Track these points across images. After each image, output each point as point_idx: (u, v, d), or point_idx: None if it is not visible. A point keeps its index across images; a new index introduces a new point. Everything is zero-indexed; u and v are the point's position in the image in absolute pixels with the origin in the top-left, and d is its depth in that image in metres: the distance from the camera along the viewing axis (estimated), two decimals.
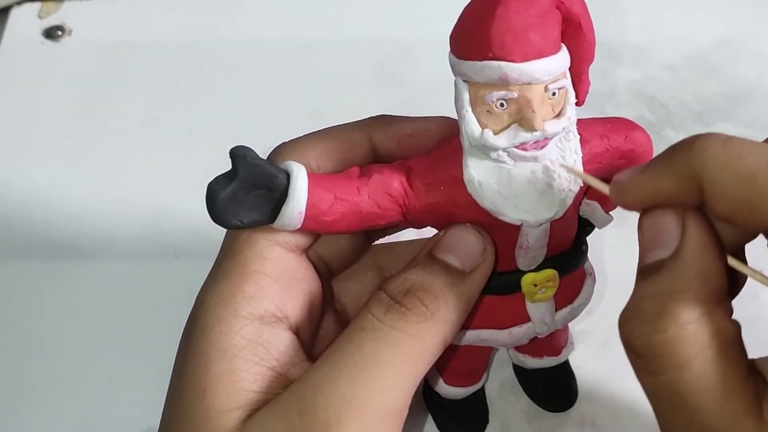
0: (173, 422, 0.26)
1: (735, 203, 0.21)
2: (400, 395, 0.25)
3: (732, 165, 0.21)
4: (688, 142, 0.22)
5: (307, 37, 0.58)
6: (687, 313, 0.21)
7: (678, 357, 0.21)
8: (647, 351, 0.21)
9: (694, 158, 0.21)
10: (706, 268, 0.22)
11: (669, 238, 0.22)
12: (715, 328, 0.21)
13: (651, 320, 0.21)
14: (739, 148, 0.21)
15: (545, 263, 0.29)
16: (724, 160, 0.21)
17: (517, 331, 0.31)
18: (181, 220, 0.47)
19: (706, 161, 0.21)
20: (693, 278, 0.21)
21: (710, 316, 0.21)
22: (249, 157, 0.26)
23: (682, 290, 0.21)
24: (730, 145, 0.21)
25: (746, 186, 0.20)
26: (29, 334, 0.43)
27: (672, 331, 0.21)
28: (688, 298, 0.21)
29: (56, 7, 0.60)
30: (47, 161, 0.51)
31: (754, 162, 0.20)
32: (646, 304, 0.22)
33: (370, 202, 0.27)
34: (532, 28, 0.25)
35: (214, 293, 0.27)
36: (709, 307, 0.21)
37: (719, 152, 0.21)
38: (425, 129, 0.30)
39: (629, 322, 0.22)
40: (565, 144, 0.27)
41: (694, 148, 0.22)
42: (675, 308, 0.21)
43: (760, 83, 0.54)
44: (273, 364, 0.26)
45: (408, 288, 0.27)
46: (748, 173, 0.20)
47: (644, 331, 0.21)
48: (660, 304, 0.21)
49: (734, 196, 0.21)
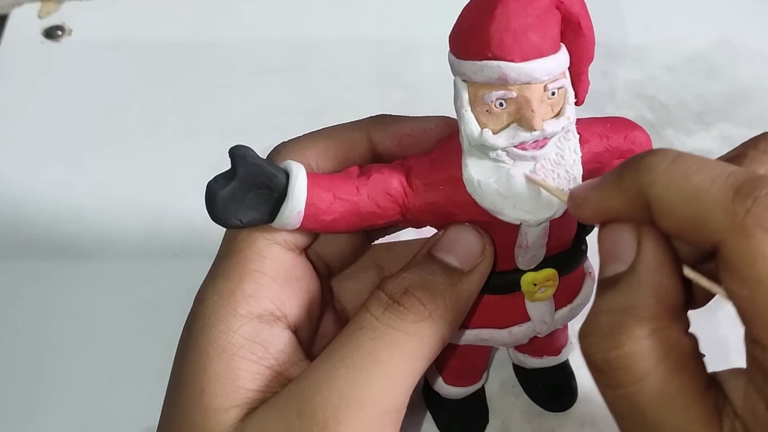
0: (172, 420, 0.26)
1: (681, 222, 0.21)
2: (398, 394, 0.25)
3: (678, 184, 0.21)
4: (638, 158, 0.22)
5: (307, 37, 0.58)
6: (641, 329, 0.21)
7: (635, 372, 0.21)
8: (605, 366, 0.21)
9: (642, 176, 0.22)
10: (661, 283, 0.22)
11: (625, 253, 0.22)
12: (671, 342, 0.21)
13: (607, 335, 0.21)
14: (687, 167, 0.21)
15: (545, 263, 0.29)
16: (670, 178, 0.21)
17: (517, 330, 0.31)
18: (181, 219, 0.47)
19: (653, 180, 0.21)
20: (648, 294, 0.21)
21: (666, 331, 0.21)
22: (248, 156, 0.26)
23: (637, 306, 0.21)
24: (678, 163, 0.21)
25: (691, 205, 0.20)
26: (29, 334, 0.43)
27: (628, 347, 0.21)
28: (643, 313, 0.21)
29: (56, 7, 0.60)
30: (47, 161, 0.51)
31: (699, 181, 0.21)
32: (602, 318, 0.22)
33: (369, 202, 0.27)
34: (532, 27, 0.25)
35: (213, 292, 0.27)
36: (664, 322, 0.21)
37: (666, 171, 0.21)
38: (425, 129, 0.30)
39: (588, 338, 0.22)
40: (564, 143, 0.27)
41: (642, 166, 0.22)
42: (630, 324, 0.21)
43: (760, 83, 0.54)
44: (271, 362, 0.26)
45: (406, 287, 0.27)
46: (693, 192, 0.20)
47: (601, 346, 0.21)
48: (616, 320, 0.21)
49: (680, 214, 0.21)
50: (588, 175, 0.28)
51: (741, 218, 0.19)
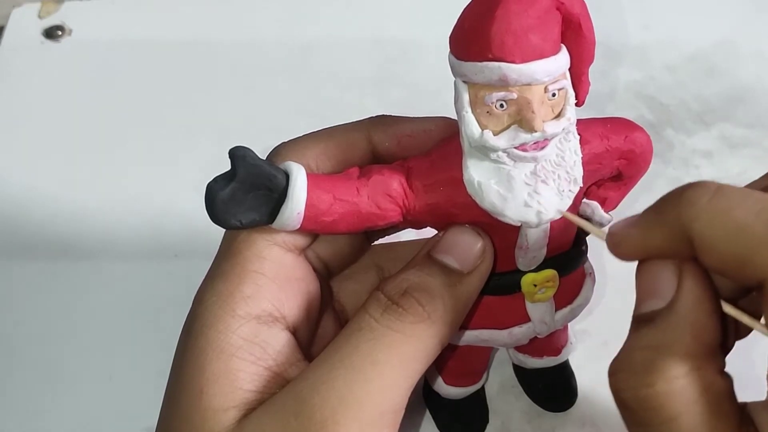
0: (170, 421, 0.26)
1: (725, 258, 0.21)
2: (396, 395, 0.25)
3: (720, 219, 0.21)
4: (678, 193, 0.22)
5: (307, 37, 0.58)
6: (676, 368, 0.21)
7: (666, 412, 0.21)
8: (635, 404, 0.21)
9: (683, 212, 0.21)
10: (699, 323, 0.21)
11: (664, 290, 0.22)
12: (705, 383, 0.21)
13: (640, 373, 0.21)
14: (728, 200, 0.21)
15: (545, 263, 0.29)
16: (712, 213, 0.21)
17: (517, 331, 0.31)
18: (180, 220, 0.47)
19: (694, 215, 0.21)
20: (685, 332, 0.21)
21: (700, 372, 0.21)
22: (248, 157, 0.26)
23: (673, 344, 0.21)
24: (719, 196, 0.21)
25: (735, 241, 0.20)
26: (29, 334, 0.43)
27: (660, 386, 0.21)
28: (678, 352, 0.21)
29: (56, 7, 0.60)
30: (47, 161, 0.51)
31: (742, 216, 0.20)
32: (636, 355, 0.21)
33: (369, 203, 0.27)
34: (532, 29, 0.25)
35: (212, 293, 0.27)
36: (699, 362, 0.21)
37: (708, 205, 0.21)
38: (425, 129, 0.29)
39: (619, 374, 0.22)
40: (564, 144, 0.27)
41: (683, 201, 0.21)
42: (664, 362, 0.21)
43: (760, 83, 0.54)
44: (270, 363, 0.26)
45: (405, 288, 0.27)
46: (736, 228, 0.20)
47: (632, 383, 0.21)
48: (650, 358, 0.21)
49: (724, 251, 0.20)
50: (588, 176, 0.28)
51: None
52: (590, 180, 0.29)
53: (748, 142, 0.50)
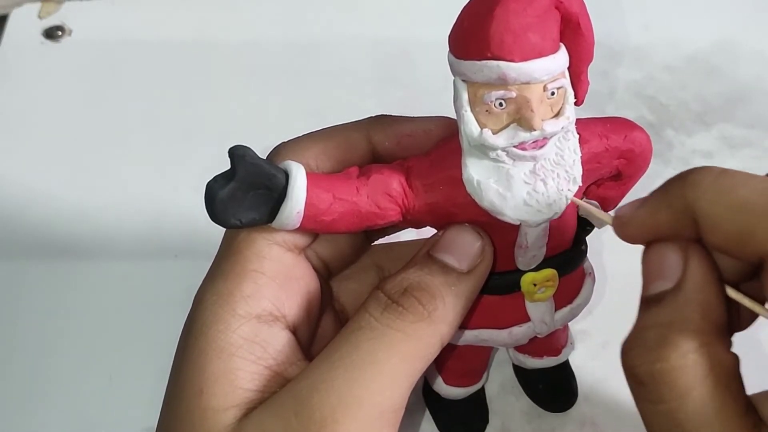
0: (170, 420, 0.26)
1: (728, 236, 0.21)
2: (396, 394, 0.25)
3: (724, 198, 0.21)
4: (683, 175, 0.22)
5: (307, 37, 0.58)
6: (688, 343, 0.21)
7: (679, 386, 0.21)
8: (649, 379, 0.21)
9: (688, 192, 0.22)
10: (707, 301, 0.22)
11: (671, 271, 0.22)
12: (715, 359, 0.21)
13: (653, 349, 0.21)
14: (732, 181, 0.21)
15: (545, 263, 0.29)
16: (716, 192, 0.21)
17: (517, 330, 0.31)
18: (181, 220, 0.47)
19: (699, 195, 0.22)
20: (694, 310, 0.22)
21: (710, 347, 0.21)
22: (248, 156, 0.26)
23: (684, 321, 0.21)
24: (723, 177, 0.21)
25: (738, 218, 0.21)
26: (29, 335, 0.43)
27: (674, 360, 0.21)
28: (689, 328, 0.21)
29: (56, 7, 0.60)
30: (47, 161, 0.51)
31: (745, 194, 0.21)
32: (648, 333, 0.22)
33: (369, 202, 0.27)
34: (531, 27, 0.25)
35: (212, 292, 0.27)
36: (709, 339, 0.21)
37: (712, 185, 0.21)
38: (424, 129, 0.29)
39: (632, 351, 0.22)
40: (564, 143, 0.27)
41: (688, 182, 0.22)
42: (677, 338, 0.21)
43: (761, 83, 0.54)
44: (270, 363, 0.26)
45: (405, 287, 0.27)
46: (739, 206, 0.21)
47: (647, 359, 0.22)
48: (662, 334, 0.22)
49: (727, 228, 0.21)
50: (588, 175, 0.28)
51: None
52: (589, 179, 0.29)
53: (748, 142, 0.50)
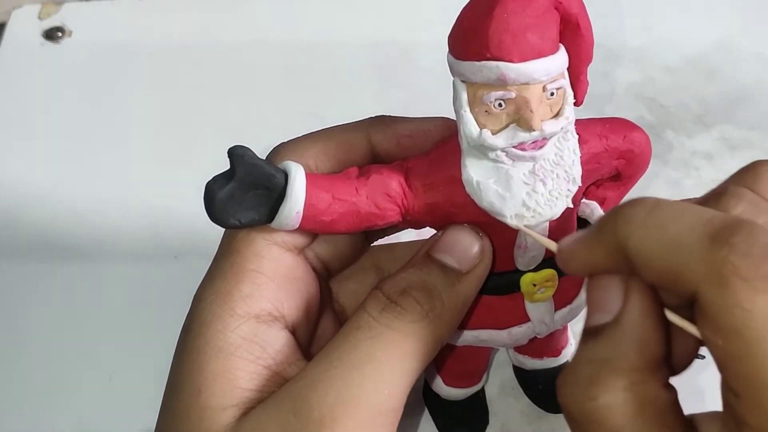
0: (169, 420, 0.26)
1: (659, 274, 0.21)
2: (394, 394, 0.25)
3: (654, 235, 0.20)
4: (616, 210, 0.22)
5: (306, 38, 0.58)
6: (619, 380, 0.21)
7: (608, 425, 0.21)
8: (580, 417, 0.21)
9: (619, 230, 0.21)
10: (644, 337, 0.21)
11: (611, 304, 0.22)
12: (648, 397, 0.21)
13: (584, 386, 0.21)
14: (664, 216, 0.21)
15: (544, 263, 0.29)
16: (646, 230, 0.21)
17: (517, 331, 0.31)
18: (180, 221, 0.47)
19: (629, 233, 0.21)
20: (629, 347, 0.21)
21: (643, 385, 0.21)
22: (247, 156, 0.26)
23: (617, 359, 0.21)
24: (655, 212, 0.21)
25: (668, 256, 0.20)
26: (29, 335, 0.43)
27: (602, 399, 0.21)
28: (621, 366, 0.21)
29: (56, 8, 0.60)
30: (47, 162, 0.51)
31: (675, 231, 0.20)
32: (581, 369, 0.22)
33: (368, 203, 0.27)
34: (530, 28, 0.25)
35: (211, 291, 0.27)
36: (642, 376, 0.21)
37: (642, 222, 0.21)
38: (424, 129, 0.30)
39: (565, 386, 0.22)
40: (563, 144, 0.27)
41: (619, 219, 0.21)
42: (608, 376, 0.21)
43: (761, 85, 0.54)
44: (269, 362, 0.26)
45: (404, 287, 0.27)
46: (669, 243, 0.20)
47: (577, 397, 0.21)
48: (594, 371, 0.21)
49: (658, 266, 0.20)
50: (587, 176, 0.28)
51: (718, 267, 0.19)
52: (589, 180, 0.29)
53: (748, 143, 0.50)
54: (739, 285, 0.19)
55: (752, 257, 0.19)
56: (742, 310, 0.19)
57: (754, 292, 0.19)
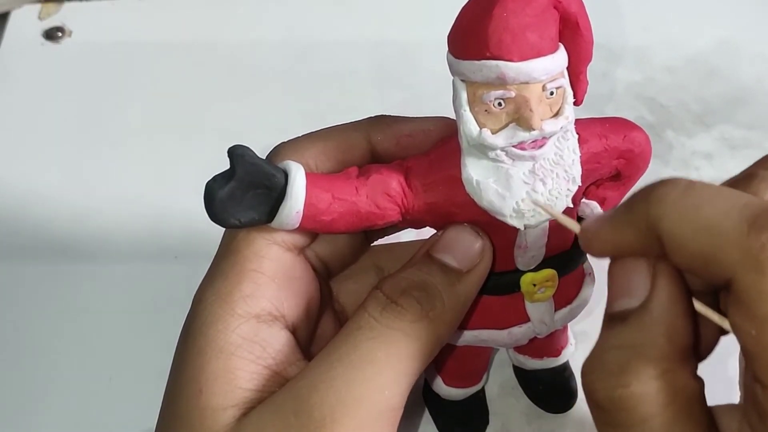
0: (169, 420, 0.26)
1: (693, 257, 0.20)
2: (395, 394, 0.25)
3: (688, 217, 0.20)
4: (648, 190, 0.21)
5: (306, 38, 0.58)
6: (651, 369, 0.20)
7: (639, 414, 0.20)
8: (609, 404, 0.21)
9: (651, 210, 0.21)
10: (673, 324, 0.21)
11: (638, 289, 0.21)
12: (678, 386, 0.20)
13: (614, 374, 0.21)
14: (698, 198, 0.20)
15: (544, 263, 0.29)
16: (681, 211, 0.20)
17: (517, 331, 0.31)
18: (181, 221, 0.47)
19: (662, 213, 0.20)
20: (659, 334, 0.21)
21: (674, 374, 0.21)
22: (247, 156, 0.26)
23: (648, 345, 0.21)
24: (689, 193, 0.20)
25: (703, 239, 0.20)
26: (29, 336, 0.43)
27: (634, 387, 0.20)
28: (653, 354, 0.20)
29: (56, 8, 0.60)
30: (47, 162, 0.51)
31: (712, 214, 0.20)
32: (610, 355, 0.21)
33: (368, 202, 0.27)
34: (530, 27, 0.25)
35: (212, 292, 0.27)
36: (673, 365, 0.21)
37: (676, 203, 0.20)
38: (424, 129, 0.30)
39: (593, 374, 0.21)
40: (563, 143, 0.27)
41: (652, 199, 0.21)
42: (639, 364, 0.20)
43: (761, 84, 0.54)
44: (269, 362, 0.26)
45: (404, 287, 0.27)
46: (705, 226, 0.20)
47: (607, 384, 0.21)
48: (624, 358, 0.21)
49: (692, 249, 0.20)
50: (587, 175, 0.28)
51: (755, 253, 0.19)
52: (589, 179, 0.29)
53: (748, 143, 0.50)
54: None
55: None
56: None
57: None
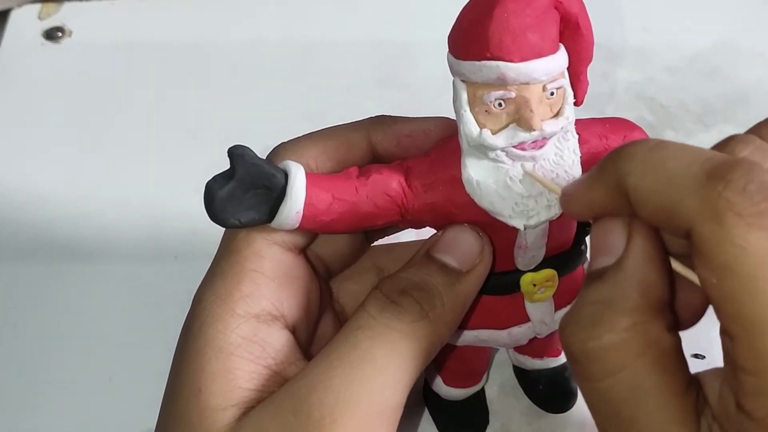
0: (169, 420, 0.26)
1: (656, 210, 0.20)
2: (394, 394, 0.25)
3: (652, 171, 0.20)
4: (618, 149, 0.22)
5: (306, 38, 0.58)
6: (622, 320, 0.21)
7: (611, 364, 0.21)
8: (582, 357, 0.21)
9: (619, 167, 0.21)
10: (647, 279, 0.21)
11: (614, 247, 0.22)
12: (651, 338, 0.21)
13: (587, 326, 0.21)
14: (664, 153, 0.20)
15: (544, 263, 0.29)
16: (646, 166, 0.21)
17: (517, 331, 0.31)
18: (181, 221, 0.47)
19: (629, 169, 0.21)
20: (632, 288, 0.21)
21: (646, 326, 0.21)
22: (247, 156, 0.26)
23: (620, 299, 0.21)
24: (657, 150, 0.21)
25: (664, 192, 0.20)
26: (29, 336, 0.43)
27: (606, 338, 0.21)
28: (625, 306, 0.21)
29: (56, 8, 0.60)
30: (47, 162, 0.51)
31: (674, 167, 0.20)
32: (584, 309, 0.21)
33: (368, 202, 0.27)
34: (530, 28, 0.25)
35: (212, 291, 0.27)
36: (646, 317, 0.21)
37: (643, 159, 0.21)
38: (424, 129, 0.30)
39: (568, 327, 0.22)
40: (563, 144, 0.27)
41: (621, 156, 0.21)
42: (611, 316, 0.21)
43: (761, 85, 0.54)
44: (269, 362, 0.26)
45: (404, 287, 0.27)
46: (667, 179, 0.20)
47: (580, 336, 0.21)
48: (597, 311, 0.21)
49: (654, 202, 0.20)
50: None
51: (712, 203, 0.19)
52: None
53: None
54: (734, 221, 0.18)
55: (748, 193, 0.19)
56: (736, 247, 0.18)
57: (748, 228, 0.18)
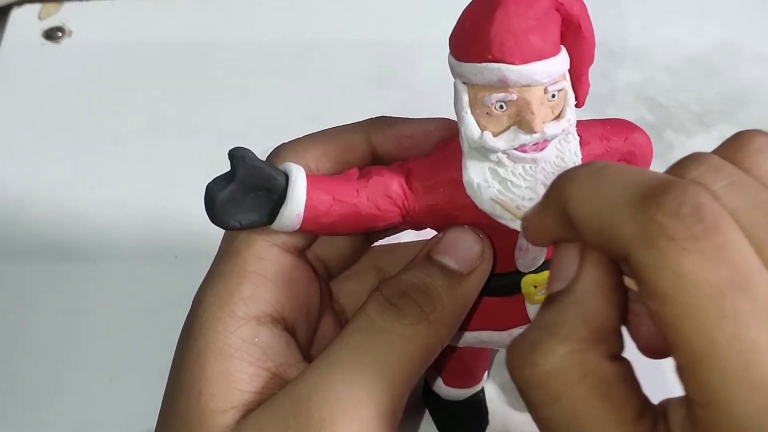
0: (169, 422, 0.26)
1: (594, 236, 0.20)
2: (395, 396, 0.25)
3: (591, 196, 0.20)
4: (562, 173, 0.21)
5: (306, 38, 0.58)
6: (559, 348, 0.20)
7: (548, 392, 0.20)
8: (522, 383, 0.21)
9: (562, 192, 0.21)
10: (593, 306, 0.21)
11: (566, 272, 0.22)
12: (588, 366, 0.20)
13: (527, 351, 0.21)
14: (603, 177, 0.20)
15: (545, 265, 0.29)
16: (585, 191, 0.20)
17: (517, 332, 0.31)
18: (180, 221, 0.47)
19: (569, 194, 0.21)
20: (575, 315, 0.21)
21: (583, 354, 0.20)
22: (248, 158, 0.26)
23: (560, 325, 0.21)
24: (596, 175, 0.20)
25: (601, 218, 0.19)
26: (29, 336, 0.43)
27: (543, 365, 0.20)
28: (563, 333, 0.20)
29: (56, 8, 0.60)
30: (47, 162, 0.51)
31: (610, 191, 0.19)
32: (530, 335, 0.21)
33: (368, 204, 0.27)
34: (532, 30, 0.25)
35: (211, 293, 0.27)
36: (584, 345, 0.20)
37: (582, 183, 0.20)
38: (425, 131, 0.29)
39: (510, 353, 0.21)
40: (564, 146, 0.27)
41: (563, 180, 0.21)
42: (549, 341, 0.20)
43: (761, 85, 0.54)
44: (269, 364, 0.26)
45: (404, 289, 0.27)
46: (604, 204, 0.19)
47: (520, 362, 0.21)
48: (538, 337, 0.21)
49: (593, 228, 0.20)
50: None
51: (646, 227, 0.18)
52: None
53: None
54: (667, 246, 0.18)
55: (680, 216, 0.18)
56: (671, 273, 0.18)
57: (682, 253, 0.18)
